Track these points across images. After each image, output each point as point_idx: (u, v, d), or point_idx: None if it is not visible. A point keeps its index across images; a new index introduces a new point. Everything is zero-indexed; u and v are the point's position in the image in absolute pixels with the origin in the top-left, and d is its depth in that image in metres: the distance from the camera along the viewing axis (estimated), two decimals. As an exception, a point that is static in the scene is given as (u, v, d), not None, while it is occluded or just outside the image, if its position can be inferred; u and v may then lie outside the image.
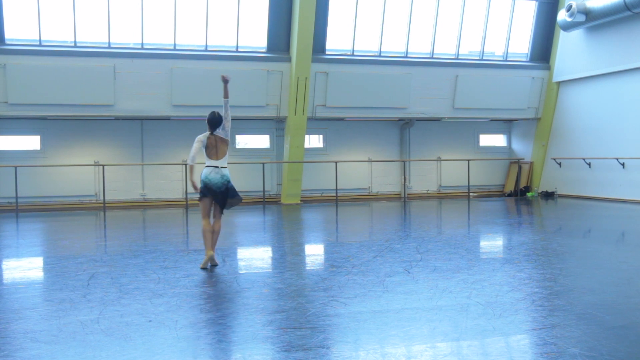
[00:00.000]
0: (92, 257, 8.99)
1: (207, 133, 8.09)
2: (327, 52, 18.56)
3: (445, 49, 19.76)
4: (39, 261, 9.06)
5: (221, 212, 8.13)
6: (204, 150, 8.02)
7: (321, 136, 20.21)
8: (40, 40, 16.44)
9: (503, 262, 8.27)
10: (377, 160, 20.42)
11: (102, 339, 4.83)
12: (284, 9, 17.88)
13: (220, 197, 7.97)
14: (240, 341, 4.79)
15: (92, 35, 16.92)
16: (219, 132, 8.08)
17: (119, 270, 7.75)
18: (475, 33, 19.91)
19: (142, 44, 17.20)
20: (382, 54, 19.07)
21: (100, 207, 17.30)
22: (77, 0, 16.35)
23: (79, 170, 17.85)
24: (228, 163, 8.19)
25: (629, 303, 5.97)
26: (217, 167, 7.98)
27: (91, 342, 4.77)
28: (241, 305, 5.89)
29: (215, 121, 8.10)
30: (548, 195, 20.25)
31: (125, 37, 17.20)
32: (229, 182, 8.05)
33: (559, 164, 20.14)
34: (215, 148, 8.02)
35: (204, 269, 7.76)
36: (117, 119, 17.82)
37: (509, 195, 21.18)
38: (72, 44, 16.72)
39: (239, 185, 19.25)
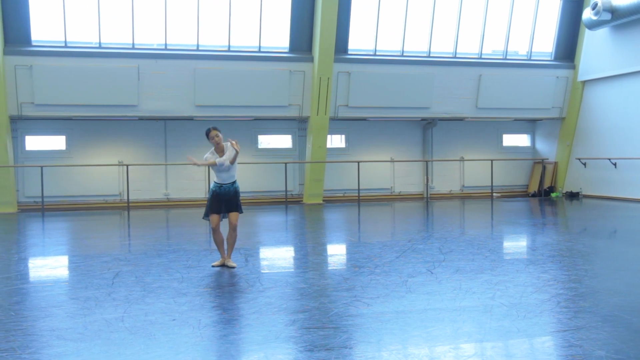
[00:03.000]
0: (116, 256, 9.08)
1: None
2: (349, 52, 18.55)
3: (468, 49, 19.64)
4: (64, 260, 9.17)
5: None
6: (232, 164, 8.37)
7: (343, 136, 20.20)
8: (65, 41, 16.64)
9: (527, 263, 8.20)
10: (399, 160, 20.36)
11: (127, 337, 4.88)
12: (306, 10, 17.90)
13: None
14: (263, 340, 4.81)
15: (116, 36, 17.09)
16: None
17: (143, 269, 7.82)
18: (499, 32, 19.77)
19: (166, 44, 17.33)
20: (404, 54, 19.00)
21: (124, 207, 17.46)
22: (102, 2, 16.54)
23: (104, 170, 18.03)
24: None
25: (656, 305, 5.90)
26: None
27: (116, 340, 4.82)
28: (264, 304, 5.90)
29: None
30: (573, 196, 20.05)
31: (149, 38, 17.35)
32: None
33: (584, 164, 19.93)
34: None
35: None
36: (140, 119, 17.98)
37: (533, 195, 21.01)
38: (97, 45, 16.90)
39: (261, 185, 19.40)
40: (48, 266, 8.57)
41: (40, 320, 5.48)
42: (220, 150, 8.31)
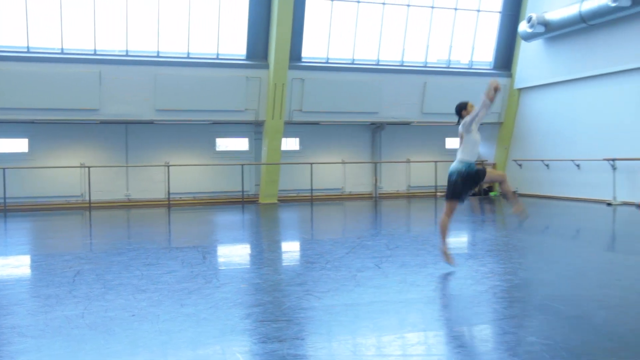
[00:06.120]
0: (77, 254, 8.88)
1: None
2: (303, 60, 18.57)
3: (414, 57, 19.88)
4: (26, 259, 8.92)
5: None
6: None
7: (297, 139, 20.20)
8: (28, 47, 16.22)
9: (467, 257, 8.31)
10: (350, 162, 20.46)
11: (87, 333, 4.78)
12: (262, 19, 17.86)
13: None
14: (219, 334, 4.77)
15: (78, 42, 16.75)
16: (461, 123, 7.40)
17: (104, 267, 7.67)
18: (443, 42, 20.06)
19: (127, 51, 17.05)
20: (355, 62, 19.12)
21: (86, 207, 17.11)
22: (64, 9, 16.18)
23: (66, 172, 17.63)
24: None
25: (582, 295, 6.05)
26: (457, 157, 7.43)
27: (76, 336, 4.71)
28: (220, 299, 5.85)
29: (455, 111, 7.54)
30: (510, 195, 20.40)
31: (111, 44, 17.05)
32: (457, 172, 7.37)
33: (520, 165, 20.35)
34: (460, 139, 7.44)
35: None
36: (102, 122, 17.64)
37: (473, 194, 21.30)
38: (59, 51, 16.52)
39: (219, 186, 19.22)
40: (10, 265, 8.33)
41: (1, 318, 5.30)
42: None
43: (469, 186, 7.33)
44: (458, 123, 7.47)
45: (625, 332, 4.76)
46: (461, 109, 7.46)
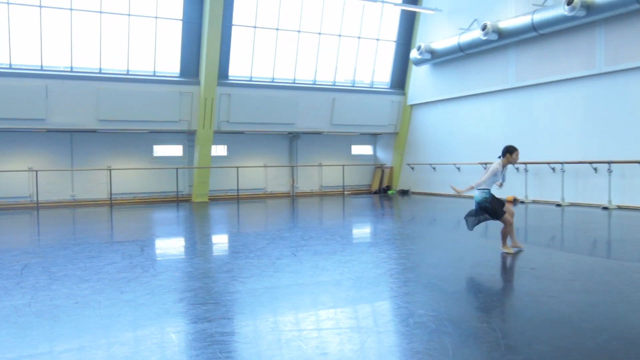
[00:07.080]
0: (25, 250, 8.39)
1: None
2: (230, 78, 18.35)
3: (324, 77, 20.06)
4: (-24, 254, 8.33)
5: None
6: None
7: (225, 146, 19.93)
8: (-23, 62, 15.21)
9: (369, 245, 8.46)
10: (271, 166, 20.40)
11: (33, 320, 4.52)
12: (194, 41, 17.52)
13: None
14: (156, 317, 4.63)
15: (26, 58, 15.83)
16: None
17: (50, 260, 7.28)
18: (348, 65, 20.34)
19: (72, 67, 16.28)
20: (274, 80, 19.08)
21: (34, 207, 16.18)
22: (13, 27, 15.26)
23: (15, 175, 16.62)
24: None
25: (460, 274, 6.29)
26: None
27: (23, 323, 4.45)
28: (156, 286, 5.69)
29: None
30: (404, 193, 20.95)
31: (56, 61, 16.21)
32: (476, 201, 7.67)
33: (412, 168, 20.92)
34: None
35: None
36: (49, 131, 16.75)
37: (375, 192, 21.75)
38: (8, 66, 15.56)
39: (156, 187, 18.66)
40: (-40, 261, 7.76)
41: (-50, 309, 4.94)
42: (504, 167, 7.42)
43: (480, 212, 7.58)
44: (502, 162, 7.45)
45: (492, 302, 4.99)
46: (507, 152, 7.37)
